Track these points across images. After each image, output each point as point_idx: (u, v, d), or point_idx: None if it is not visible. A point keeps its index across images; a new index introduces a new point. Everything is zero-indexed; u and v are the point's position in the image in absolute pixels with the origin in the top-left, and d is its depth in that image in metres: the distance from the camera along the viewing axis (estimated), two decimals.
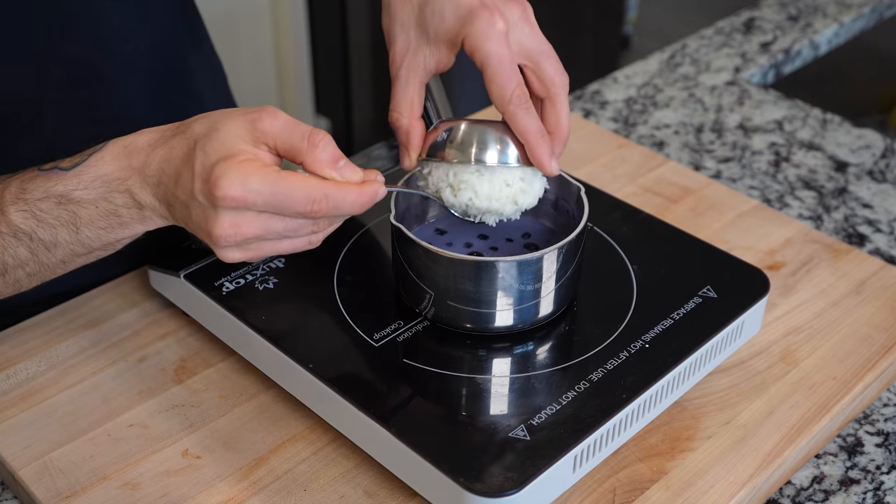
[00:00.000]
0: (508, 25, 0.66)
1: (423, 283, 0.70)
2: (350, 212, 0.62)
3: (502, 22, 0.65)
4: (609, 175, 1.00)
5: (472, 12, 0.66)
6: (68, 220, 0.65)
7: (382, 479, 0.68)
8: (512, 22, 0.66)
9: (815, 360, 0.79)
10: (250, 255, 0.63)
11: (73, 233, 0.65)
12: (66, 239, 0.65)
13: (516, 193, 0.68)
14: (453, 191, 0.68)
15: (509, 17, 0.66)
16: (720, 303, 0.74)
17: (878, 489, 0.72)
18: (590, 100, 1.19)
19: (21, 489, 0.69)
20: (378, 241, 0.80)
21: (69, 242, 0.66)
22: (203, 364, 0.77)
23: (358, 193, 0.61)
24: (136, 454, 0.70)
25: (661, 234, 0.83)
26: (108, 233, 0.65)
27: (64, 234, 0.65)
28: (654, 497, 0.68)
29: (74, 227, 0.65)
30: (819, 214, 1.00)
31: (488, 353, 0.70)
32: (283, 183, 0.59)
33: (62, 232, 0.65)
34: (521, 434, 0.63)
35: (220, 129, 0.60)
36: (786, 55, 1.31)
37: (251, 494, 0.68)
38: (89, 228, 0.65)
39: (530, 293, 0.69)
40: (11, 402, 0.74)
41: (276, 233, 0.61)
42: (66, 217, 0.65)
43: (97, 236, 0.66)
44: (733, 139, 1.12)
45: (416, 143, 0.70)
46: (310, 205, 0.60)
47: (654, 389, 0.68)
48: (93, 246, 0.66)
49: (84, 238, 0.65)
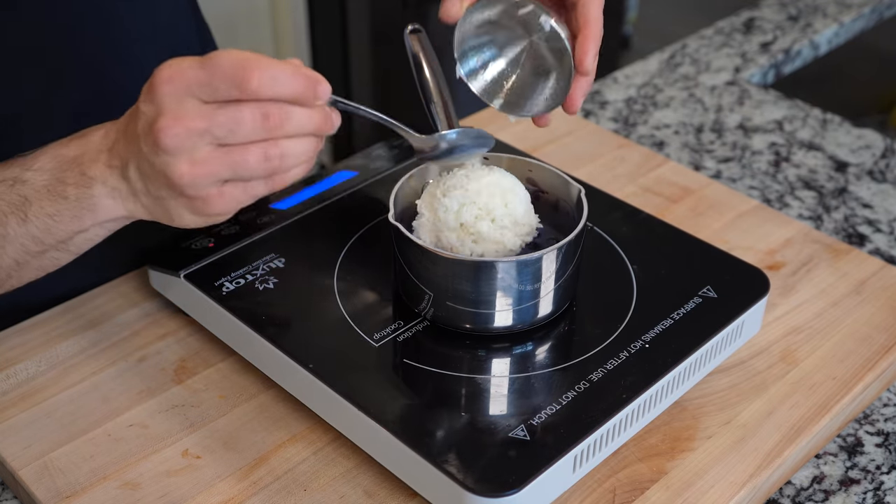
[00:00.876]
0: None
1: (422, 283, 0.70)
2: (290, 92, 0.59)
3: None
4: (609, 175, 1.00)
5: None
6: (18, 206, 0.64)
7: (382, 479, 0.68)
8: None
9: (815, 360, 0.79)
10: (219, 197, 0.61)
11: (21, 222, 0.64)
12: (15, 230, 0.64)
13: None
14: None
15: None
16: (720, 303, 0.74)
17: (878, 489, 0.72)
18: (590, 100, 1.18)
19: (21, 489, 0.69)
20: (378, 241, 0.80)
21: (18, 235, 0.65)
22: (203, 364, 0.77)
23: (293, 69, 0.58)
24: (136, 454, 0.70)
25: (661, 234, 0.83)
26: (57, 222, 0.64)
27: (13, 223, 0.64)
28: (654, 497, 0.68)
29: (23, 214, 0.64)
30: (819, 214, 1.00)
31: (488, 353, 0.70)
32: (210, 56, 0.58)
33: (11, 221, 0.64)
34: (521, 434, 0.63)
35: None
36: (786, 55, 1.31)
37: (251, 494, 0.68)
38: (37, 216, 0.64)
39: (529, 293, 0.69)
40: (11, 402, 0.74)
41: (222, 127, 0.58)
42: (17, 202, 0.64)
43: (46, 228, 0.64)
44: (733, 139, 1.12)
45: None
46: (241, 71, 0.57)
47: (654, 389, 0.68)
48: (43, 241, 0.65)
49: (33, 229, 0.64)
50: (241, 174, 0.60)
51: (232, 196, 0.61)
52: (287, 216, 0.82)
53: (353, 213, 0.83)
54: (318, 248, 0.79)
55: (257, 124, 0.58)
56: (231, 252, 0.78)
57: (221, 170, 0.60)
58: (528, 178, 0.77)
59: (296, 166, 0.61)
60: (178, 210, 0.63)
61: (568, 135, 1.07)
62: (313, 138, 0.61)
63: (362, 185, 0.87)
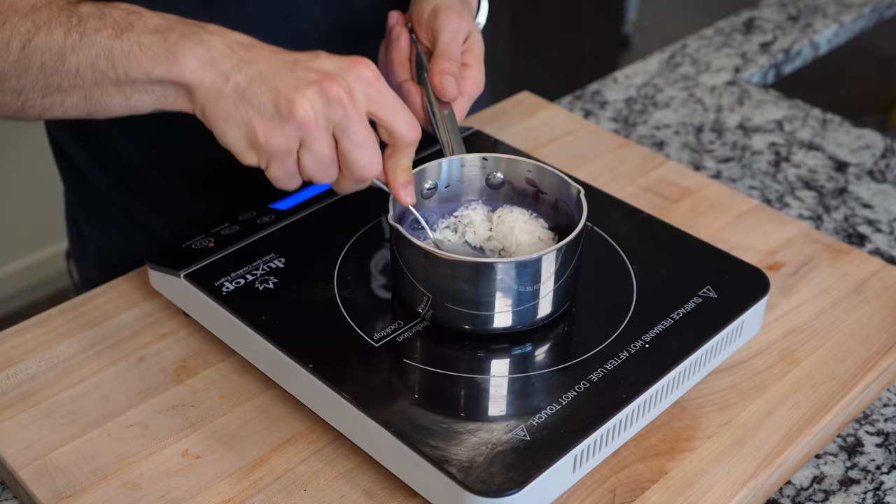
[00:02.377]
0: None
1: (421, 284, 0.70)
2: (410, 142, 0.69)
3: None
4: (609, 175, 1.00)
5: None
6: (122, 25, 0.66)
7: (382, 479, 0.68)
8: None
9: (815, 360, 0.79)
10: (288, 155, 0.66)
11: (112, 38, 0.66)
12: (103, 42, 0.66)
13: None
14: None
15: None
16: (720, 303, 0.74)
17: (878, 489, 0.72)
18: (590, 100, 1.19)
19: (21, 489, 0.69)
20: (378, 241, 0.80)
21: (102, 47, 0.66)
22: (203, 364, 0.77)
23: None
24: (136, 454, 0.70)
25: (661, 234, 0.83)
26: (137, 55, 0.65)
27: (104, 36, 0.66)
28: (654, 497, 0.68)
29: (119, 32, 0.66)
30: (819, 214, 1.00)
31: (488, 354, 0.70)
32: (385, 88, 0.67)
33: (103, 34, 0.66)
34: (521, 434, 0.63)
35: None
36: (786, 55, 1.31)
37: (251, 494, 0.68)
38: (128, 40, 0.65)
39: (529, 294, 0.69)
40: (11, 402, 0.74)
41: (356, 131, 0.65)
42: (123, 22, 0.66)
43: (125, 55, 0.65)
44: (733, 139, 1.12)
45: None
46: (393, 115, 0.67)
47: (654, 389, 0.68)
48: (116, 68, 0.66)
49: (116, 48, 0.65)
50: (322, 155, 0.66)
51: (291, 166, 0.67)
52: (287, 216, 0.82)
53: (353, 213, 0.83)
54: (318, 248, 0.79)
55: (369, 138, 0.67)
56: (231, 252, 0.78)
57: (323, 140, 0.65)
58: (527, 178, 0.77)
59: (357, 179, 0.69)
60: (242, 120, 0.65)
61: (568, 135, 1.07)
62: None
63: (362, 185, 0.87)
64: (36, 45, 0.66)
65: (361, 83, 0.66)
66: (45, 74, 0.67)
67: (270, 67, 0.65)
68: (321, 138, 0.65)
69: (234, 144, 0.67)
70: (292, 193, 0.85)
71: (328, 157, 0.66)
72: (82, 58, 0.66)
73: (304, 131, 0.65)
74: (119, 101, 0.68)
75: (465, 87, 0.79)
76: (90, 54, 0.66)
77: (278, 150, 0.65)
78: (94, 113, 0.69)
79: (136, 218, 0.97)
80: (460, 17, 0.79)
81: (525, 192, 0.77)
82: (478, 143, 0.93)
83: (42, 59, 0.67)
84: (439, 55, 0.78)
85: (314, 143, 0.65)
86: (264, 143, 0.65)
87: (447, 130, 0.77)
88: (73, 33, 0.66)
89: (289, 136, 0.65)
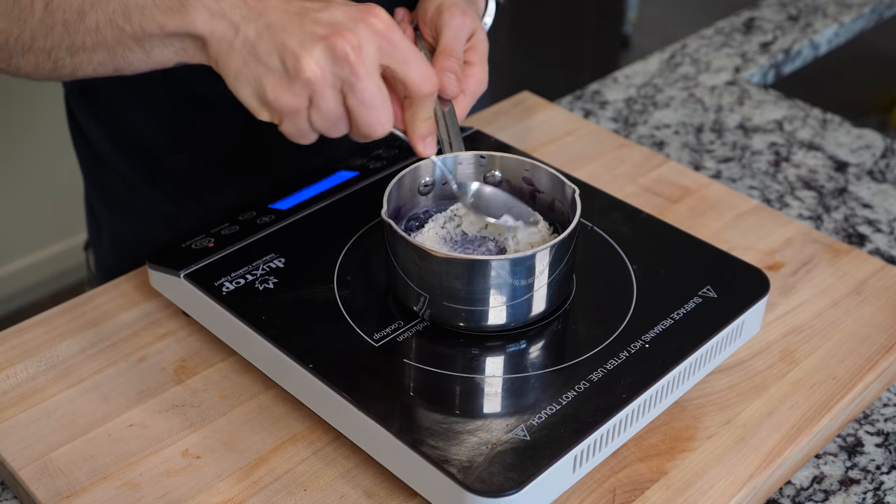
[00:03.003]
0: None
1: (413, 281, 0.70)
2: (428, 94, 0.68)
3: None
4: (609, 175, 1.00)
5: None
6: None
7: (382, 479, 0.68)
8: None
9: (815, 360, 0.79)
10: (297, 113, 0.65)
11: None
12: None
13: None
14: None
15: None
16: (720, 303, 0.74)
17: (878, 489, 0.72)
18: (590, 100, 1.19)
19: (21, 489, 0.69)
20: (378, 240, 0.80)
21: (118, 2, 0.66)
22: (203, 364, 0.77)
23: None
24: (136, 454, 0.70)
25: (661, 234, 0.83)
26: (154, 8, 0.65)
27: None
28: (654, 497, 0.68)
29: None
30: (819, 214, 1.00)
31: (488, 354, 0.70)
32: (410, 49, 0.67)
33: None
34: (521, 434, 0.63)
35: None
36: (786, 55, 1.31)
37: (251, 494, 0.68)
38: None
39: (524, 290, 0.69)
40: (11, 402, 0.74)
41: (364, 89, 0.64)
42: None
43: (140, 9, 0.65)
44: (733, 139, 1.12)
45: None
46: (418, 76, 0.67)
47: (654, 389, 0.68)
48: (132, 22, 0.66)
49: (131, 2, 0.65)
50: (331, 112, 0.65)
51: (303, 123, 0.66)
52: (287, 216, 0.82)
53: (353, 213, 0.83)
54: (318, 248, 0.79)
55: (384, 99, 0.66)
56: (231, 252, 0.78)
57: (329, 98, 0.64)
58: (524, 177, 0.77)
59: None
60: (253, 77, 0.65)
61: (568, 135, 1.07)
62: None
63: (362, 185, 0.87)
64: (58, 4, 0.67)
65: (373, 35, 0.65)
66: (69, 32, 0.67)
67: (279, 19, 0.64)
68: (328, 96, 0.64)
69: (246, 100, 0.66)
70: (292, 193, 0.85)
71: (336, 113, 0.65)
72: (101, 14, 0.66)
73: (311, 89, 0.64)
74: (141, 56, 0.68)
75: (467, 85, 0.79)
76: (107, 10, 0.66)
77: (288, 108, 0.65)
78: (122, 69, 0.69)
79: (154, 203, 0.98)
80: (464, 14, 0.79)
81: (522, 191, 0.77)
82: (478, 143, 0.93)
83: (64, 17, 0.67)
84: (441, 52, 0.78)
85: (321, 101, 0.64)
86: (273, 101, 0.64)
87: (447, 128, 0.77)
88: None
89: (297, 95, 0.64)
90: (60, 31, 0.67)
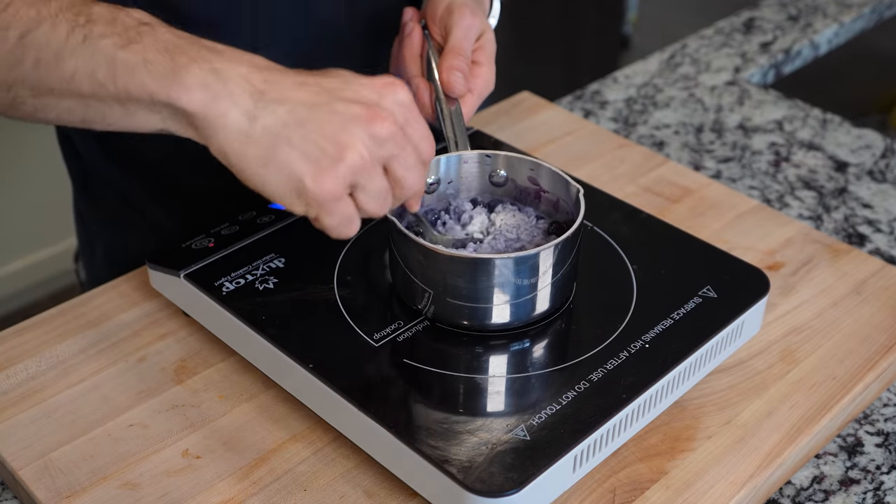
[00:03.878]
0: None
1: (418, 278, 0.70)
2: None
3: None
4: (609, 175, 1.00)
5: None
6: (131, 35, 0.60)
7: (382, 479, 0.68)
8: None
9: (815, 360, 0.79)
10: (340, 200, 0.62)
11: (118, 47, 0.60)
12: (106, 50, 0.60)
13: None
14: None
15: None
16: (720, 303, 0.74)
17: (878, 489, 0.72)
18: (590, 100, 1.19)
19: (21, 489, 0.69)
20: (378, 240, 0.80)
21: (105, 56, 0.60)
22: (203, 364, 0.77)
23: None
24: (136, 454, 0.70)
25: (661, 234, 0.83)
26: (145, 72, 0.59)
27: (109, 43, 0.60)
28: (654, 497, 0.68)
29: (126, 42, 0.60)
30: (819, 214, 1.00)
31: (488, 353, 0.70)
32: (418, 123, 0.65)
33: (109, 41, 0.60)
34: (521, 434, 0.63)
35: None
36: (786, 55, 1.31)
37: (251, 494, 0.68)
38: (134, 54, 0.60)
39: (527, 289, 0.69)
40: (11, 402, 0.74)
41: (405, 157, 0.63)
42: (132, 31, 0.60)
43: (129, 69, 0.59)
44: (733, 139, 1.12)
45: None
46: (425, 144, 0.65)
47: (654, 389, 0.68)
48: (116, 81, 0.60)
49: (119, 59, 0.59)
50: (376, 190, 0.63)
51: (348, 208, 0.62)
52: (287, 216, 0.82)
53: None
54: (318, 247, 0.79)
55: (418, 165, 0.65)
56: (231, 252, 0.78)
57: (378, 176, 0.62)
58: (529, 176, 0.77)
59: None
60: (285, 163, 0.60)
61: (568, 135, 1.07)
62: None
63: None
64: (34, 38, 0.60)
65: (401, 108, 0.63)
66: (38, 73, 0.61)
67: (304, 103, 0.60)
68: (376, 175, 0.62)
69: (276, 192, 0.61)
70: None
71: (385, 189, 0.63)
72: (81, 63, 0.60)
73: (358, 174, 0.61)
74: (119, 114, 0.62)
75: (474, 84, 0.79)
76: (90, 62, 0.60)
77: (331, 195, 0.60)
78: (91, 122, 0.63)
79: (146, 213, 0.96)
80: (474, 15, 0.79)
81: (527, 191, 0.78)
82: (478, 143, 0.93)
83: (38, 56, 0.60)
84: (449, 51, 0.78)
85: (370, 182, 0.61)
86: (313, 189, 0.60)
87: (453, 127, 0.78)
88: (76, 33, 0.60)
89: (341, 180, 0.60)
90: (29, 68, 0.61)
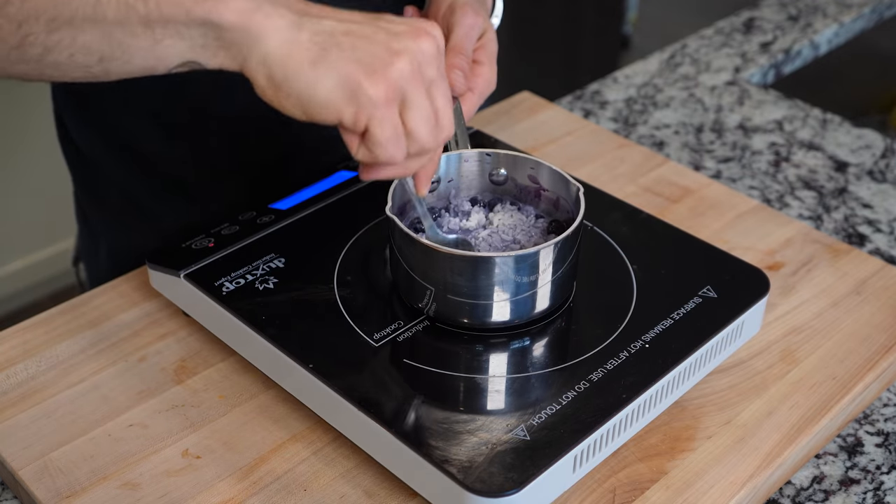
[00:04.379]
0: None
1: (418, 276, 0.70)
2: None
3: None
4: (609, 175, 1.00)
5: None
6: None
7: (382, 479, 0.68)
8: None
9: (815, 360, 0.79)
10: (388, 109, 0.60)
11: None
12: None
13: None
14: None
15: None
16: (720, 303, 0.74)
17: (878, 489, 0.72)
18: (590, 100, 1.19)
19: (21, 489, 0.69)
20: (378, 240, 0.80)
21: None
22: (203, 364, 0.77)
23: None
24: (136, 454, 0.70)
25: (661, 234, 0.83)
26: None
27: None
28: (654, 497, 0.68)
29: None
30: (819, 214, 1.00)
31: (488, 353, 0.70)
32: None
33: None
34: (521, 434, 0.63)
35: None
36: (786, 55, 1.31)
37: (251, 494, 0.68)
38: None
39: (527, 287, 0.69)
40: (11, 402, 0.74)
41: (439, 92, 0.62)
42: None
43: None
44: (733, 139, 1.12)
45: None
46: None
47: (654, 389, 0.68)
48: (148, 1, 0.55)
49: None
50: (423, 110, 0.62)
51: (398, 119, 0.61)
52: (287, 216, 0.82)
53: (353, 213, 0.83)
54: (318, 248, 0.79)
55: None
56: (231, 252, 0.78)
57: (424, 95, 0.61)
58: (529, 175, 0.77)
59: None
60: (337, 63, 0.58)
61: (568, 135, 1.07)
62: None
63: (362, 185, 0.87)
64: None
65: (433, 45, 0.62)
66: (57, 1, 0.54)
67: (349, 21, 0.60)
68: (424, 92, 0.61)
69: (326, 94, 0.58)
70: (292, 193, 0.85)
71: (432, 112, 0.61)
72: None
73: (408, 82, 0.60)
74: (144, 44, 0.56)
75: (475, 83, 0.79)
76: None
77: (385, 97, 0.59)
78: (109, 58, 0.57)
79: (146, 210, 0.95)
80: (476, 14, 0.79)
81: (527, 189, 0.78)
82: (478, 143, 0.93)
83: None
84: (451, 50, 0.78)
85: (418, 97, 0.60)
86: (369, 88, 0.58)
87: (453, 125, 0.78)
88: None
89: (395, 82, 0.59)
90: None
